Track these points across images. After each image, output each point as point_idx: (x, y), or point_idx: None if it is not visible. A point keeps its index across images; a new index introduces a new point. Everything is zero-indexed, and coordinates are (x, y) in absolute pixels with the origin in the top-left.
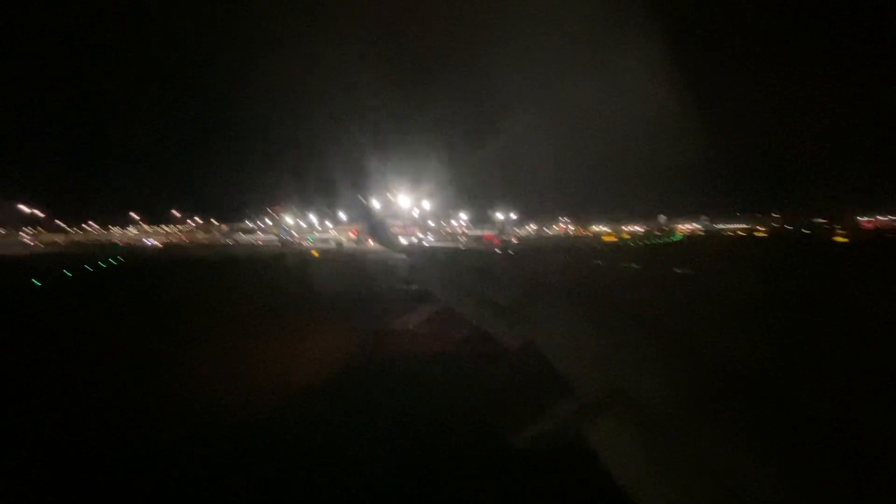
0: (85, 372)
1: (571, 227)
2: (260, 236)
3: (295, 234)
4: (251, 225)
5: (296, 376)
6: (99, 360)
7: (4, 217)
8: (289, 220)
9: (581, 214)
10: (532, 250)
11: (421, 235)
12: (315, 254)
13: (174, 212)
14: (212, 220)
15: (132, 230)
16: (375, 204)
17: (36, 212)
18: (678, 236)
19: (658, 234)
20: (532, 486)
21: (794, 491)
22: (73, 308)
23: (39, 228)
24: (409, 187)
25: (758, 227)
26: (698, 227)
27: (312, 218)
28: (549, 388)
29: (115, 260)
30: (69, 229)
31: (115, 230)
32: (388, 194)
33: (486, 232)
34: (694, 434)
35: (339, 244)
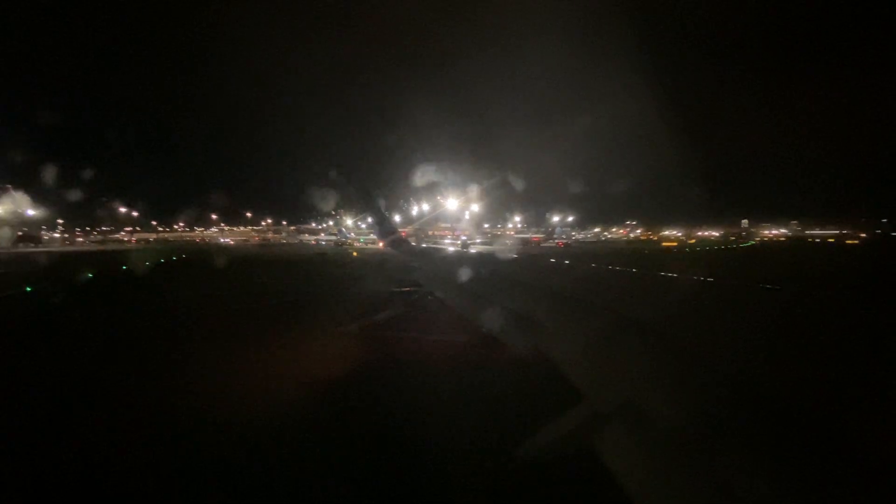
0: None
1: (638, 231)
2: (322, 237)
3: (352, 236)
4: (316, 226)
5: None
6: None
7: (109, 218)
8: (349, 222)
9: (652, 217)
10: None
11: (464, 237)
12: (355, 254)
13: (248, 214)
14: (283, 221)
15: (214, 230)
16: (415, 208)
17: (134, 213)
18: (751, 242)
19: (733, 239)
20: (537, 495)
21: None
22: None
23: (137, 228)
24: (461, 190)
25: (851, 233)
26: (784, 231)
27: (371, 220)
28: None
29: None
30: (161, 229)
31: (199, 230)
32: (439, 197)
33: (534, 235)
34: (706, 447)
35: None
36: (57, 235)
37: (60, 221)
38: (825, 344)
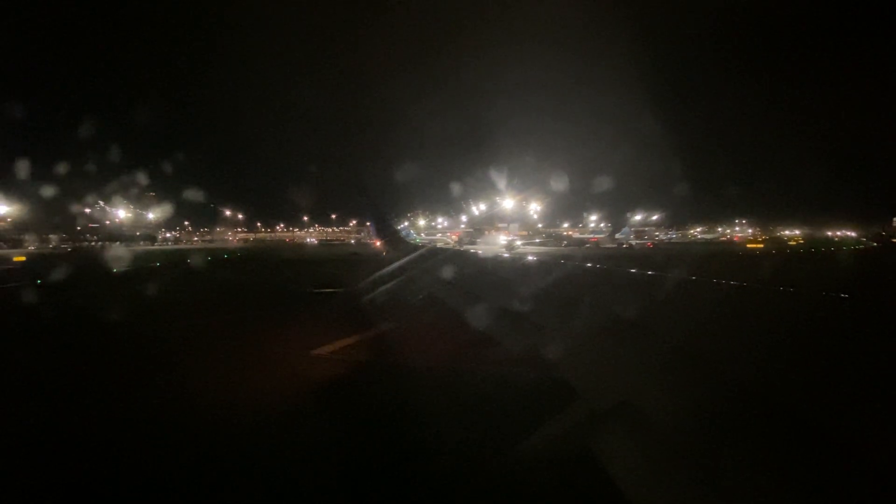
0: None
1: (749, 230)
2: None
3: (415, 236)
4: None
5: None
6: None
7: (222, 220)
8: (422, 222)
9: (768, 215)
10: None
11: (512, 237)
12: (384, 253)
13: (333, 216)
14: (367, 222)
15: (309, 230)
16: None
17: (240, 216)
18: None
19: (864, 240)
20: (534, 495)
21: None
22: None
23: (244, 229)
24: (525, 189)
25: None
26: None
27: (441, 220)
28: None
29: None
30: (262, 230)
31: (294, 230)
32: (497, 197)
33: (592, 235)
34: (703, 446)
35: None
36: (169, 235)
37: (186, 223)
38: (823, 344)
